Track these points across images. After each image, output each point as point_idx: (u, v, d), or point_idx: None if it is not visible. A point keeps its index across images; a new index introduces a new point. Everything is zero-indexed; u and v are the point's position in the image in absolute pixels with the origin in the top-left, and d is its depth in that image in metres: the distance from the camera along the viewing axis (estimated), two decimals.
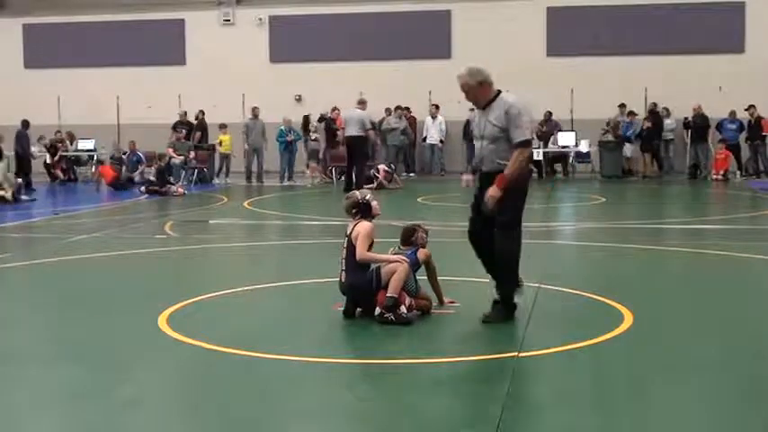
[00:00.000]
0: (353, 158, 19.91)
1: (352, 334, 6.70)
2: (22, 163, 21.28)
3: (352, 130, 19.81)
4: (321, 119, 24.19)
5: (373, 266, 6.87)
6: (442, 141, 24.99)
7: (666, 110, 23.89)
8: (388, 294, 6.71)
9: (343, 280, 6.98)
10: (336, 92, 24.53)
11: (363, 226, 6.95)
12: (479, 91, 6.88)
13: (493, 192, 6.65)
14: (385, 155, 23.83)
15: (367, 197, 7.10)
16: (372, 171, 21.02)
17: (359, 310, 6.97)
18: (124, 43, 26.97)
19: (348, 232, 7.00)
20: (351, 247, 6.92)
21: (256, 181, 23.17)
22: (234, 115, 25.31)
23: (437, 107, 24.68)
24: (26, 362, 6.06)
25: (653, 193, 20.45)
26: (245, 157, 23.61)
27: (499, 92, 6.91)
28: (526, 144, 6.71)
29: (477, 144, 6.99)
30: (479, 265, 7.08)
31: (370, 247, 6.94)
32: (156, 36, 26.91)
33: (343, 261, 6.98)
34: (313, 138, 22.88)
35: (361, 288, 6.86)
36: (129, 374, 5.70)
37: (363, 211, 7.05)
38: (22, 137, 22.00)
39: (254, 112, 23.56)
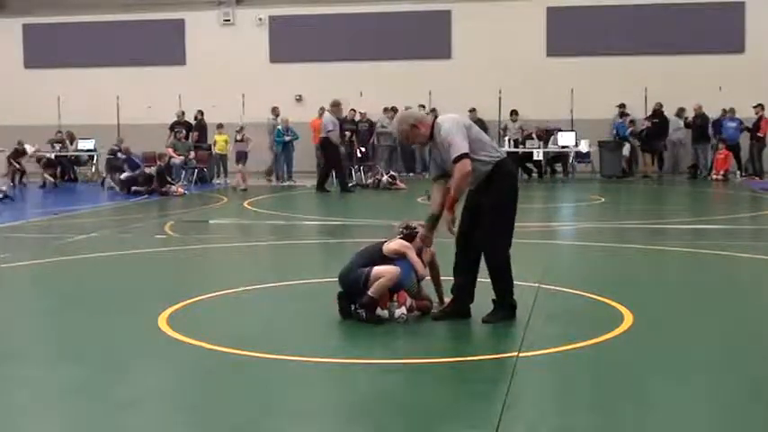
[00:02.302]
0: (326, 160, 20.79)
1: (352, 334, 6.69)
2: None
3: (323, 133, 20.62)
4: None
5: (364, 270, 6.90)
6: None
7: (682, 110, 23.73)
8: (368, 293, 6.77)
9: (343, 270, 7.06)
10: (336, 92, 24.51)
11: (400, 241, 7.07)
12: (415, 132, 6.91)
13: (445, 217, 6.77)
14: (380, 155, 23.93)
15: (416, 230, 7.08)
16: (377, 174, 21.27)
17: (353, 307, 6.96)
18: (124, 43, 26.97)
19: (383, 241, 7.15)
20: (372, 249, 7.03)
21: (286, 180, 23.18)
22: (234, 115, 25.33)
23: (434, 110, 24.57)
24: (26, 362, 6.06)
25: (653, 193, 20.47)
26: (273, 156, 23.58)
27: (435, 118, 6.97)
28: (460, 158, 6.63)
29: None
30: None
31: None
32: (156, 36, 26.91)
33: (356, 255, 7.08)
34: (239, 138, 22.39)
35: (352, 284, 6.92)
36: (129, 374, 5.70)
37: (407, 237, 7.11)
38: None
39: (275, 112, 23.68)
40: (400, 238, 7.13)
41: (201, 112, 25.25)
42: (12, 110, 26.43)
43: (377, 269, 6.84)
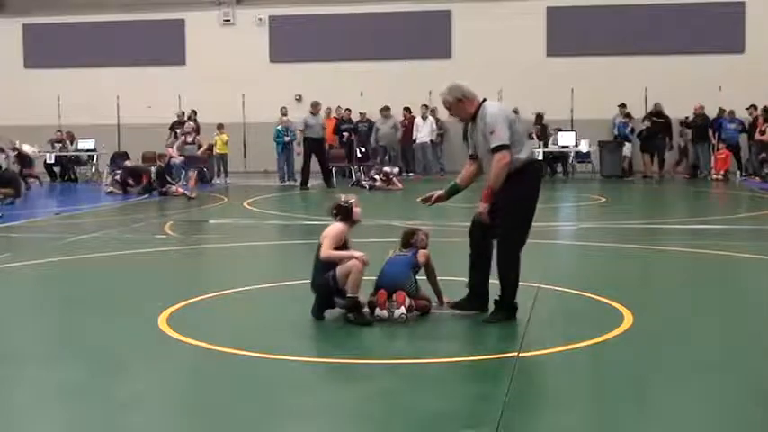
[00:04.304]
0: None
1: (351, 334, 6.69)
2: None
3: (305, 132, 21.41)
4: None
5: (329, 274, 6.86)
6: (433, 141, 25.00)
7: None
8: (347, 295, 6.75)
9: (311, 279, 7.03)
10: (336, 92, 24.55)
11: (334, 227, 6.98)
12: (459, 107, 6.88)
13: (482, 208, 6.77)
14: (376, 156, 24.04)
15: (350, 201, 7.09)
16: (373, 173, 21.33)
17: (328, 311, 6.95)
18: (124, 43, 26.97)
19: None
20: (318, 247, 6.96)
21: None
22: (234, 115, 25.33)
23: (427, 107, 24.64)
24: (26, 362, 6.05)
25: (653, 193, 20.46)
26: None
27: (484, 100, 6.91)
28: (500, 149, 6.64)
29: (483, 161, 6.93)
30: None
31: (342, 248, 6.93)
32: (156, 36, 26.91)
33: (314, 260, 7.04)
34: (190, 140, 21.98)
35: (323, 288, 6.90)
36: (129, 374, 5.70)
37: (343, 214, 7.06)
38: None
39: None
40: (337, 219, 7.01)
41: (194, 112, 25.24)
42: (12, 110, 26.42)
43: (340, 268, 6.80)
